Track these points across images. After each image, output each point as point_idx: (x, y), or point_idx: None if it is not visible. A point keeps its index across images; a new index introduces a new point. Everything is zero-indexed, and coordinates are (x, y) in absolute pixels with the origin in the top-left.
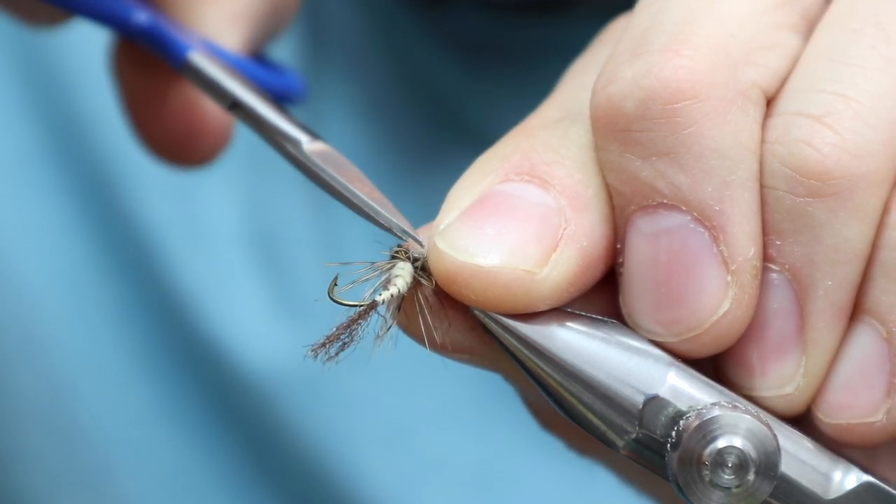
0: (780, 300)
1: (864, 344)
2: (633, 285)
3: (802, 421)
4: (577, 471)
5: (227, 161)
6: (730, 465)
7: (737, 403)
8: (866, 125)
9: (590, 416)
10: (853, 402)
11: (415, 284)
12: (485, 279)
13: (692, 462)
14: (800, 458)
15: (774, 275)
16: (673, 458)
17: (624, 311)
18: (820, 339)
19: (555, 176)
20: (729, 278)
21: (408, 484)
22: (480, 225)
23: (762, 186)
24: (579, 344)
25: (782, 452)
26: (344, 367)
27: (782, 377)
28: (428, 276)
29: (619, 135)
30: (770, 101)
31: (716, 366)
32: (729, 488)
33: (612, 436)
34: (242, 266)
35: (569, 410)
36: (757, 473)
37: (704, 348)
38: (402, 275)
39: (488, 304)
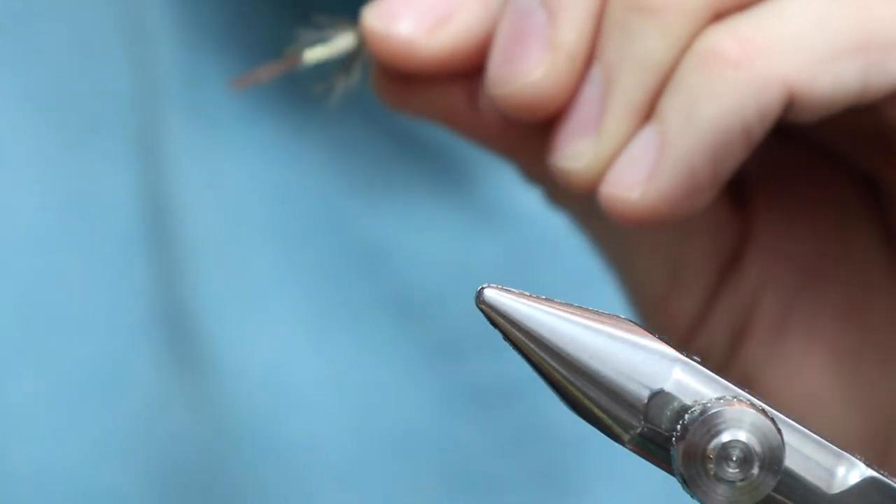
0: (592, 92)
1: (646, 136)
2: (491, 51)
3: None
4: (566, 467)
5: (120, 139)
6: (734, 459)
7: (742, 398)
8: None
9: (595, 410)
10: (621, 179)
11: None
12: (384, 44)
13: (697, 456)
14: (804, 452)
15: (595, 70)
16: (678, 452)
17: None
18: (613, 128)
19: None
20: (547, 56)
21: (405, 485)
22: None
23: None
24: (584, 338)
25: (786, 447)
26: (328, 370)
27: (576, 153)
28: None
29: None
30: None
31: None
32: (733, 482)
33: (617, 430)
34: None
35: (574, 404)
36: (761, 468)
37: (521, 110)
38: (344, 40)
39: (392, 67)
